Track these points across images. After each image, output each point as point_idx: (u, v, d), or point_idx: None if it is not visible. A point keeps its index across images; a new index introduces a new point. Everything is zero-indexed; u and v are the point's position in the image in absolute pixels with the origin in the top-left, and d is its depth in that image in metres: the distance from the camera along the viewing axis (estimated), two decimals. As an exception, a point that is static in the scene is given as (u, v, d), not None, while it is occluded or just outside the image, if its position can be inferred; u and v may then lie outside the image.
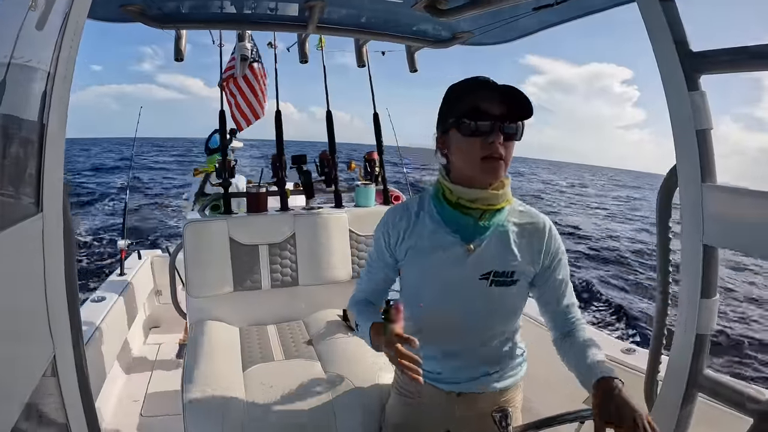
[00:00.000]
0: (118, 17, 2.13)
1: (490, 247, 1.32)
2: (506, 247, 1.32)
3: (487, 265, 1.32)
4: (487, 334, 1.40)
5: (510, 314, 1.41)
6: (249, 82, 4.40)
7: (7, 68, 0.70)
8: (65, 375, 0.90)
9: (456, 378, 1.42)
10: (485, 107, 1.23)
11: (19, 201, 0.81)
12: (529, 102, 1.22)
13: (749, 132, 70.71)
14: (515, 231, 1.33)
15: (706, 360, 1.34)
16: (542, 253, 1.34)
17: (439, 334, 1.40)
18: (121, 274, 3.71)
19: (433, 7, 1.97)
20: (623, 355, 2.22)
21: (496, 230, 1.32)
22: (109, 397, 2.95)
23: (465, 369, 1.42)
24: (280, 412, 1.81)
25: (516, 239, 1.33)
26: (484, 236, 1.32)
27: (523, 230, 1.34)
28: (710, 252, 1.30)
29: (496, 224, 1.32)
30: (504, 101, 1.23)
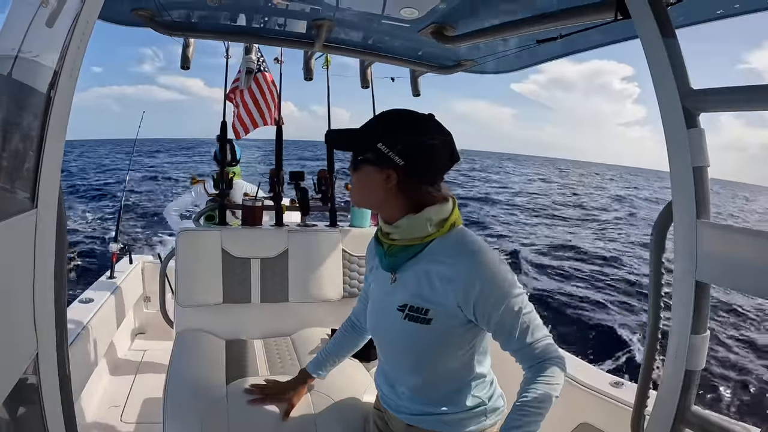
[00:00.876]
0: (128, 21, 2.15)
1: (409, 280, 1.29)
2: (422, 284, 1.26)
3: (403, 296, 1.30)
4: (411, 365, 1.34)
5: (425, 353, 1.30)
6: (253, 92, 4.42)
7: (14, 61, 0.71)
8: (47, 374, 0.89)
9: (403, 408, 1.41)
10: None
11: (14, 195, 0.80)
12: (344, 133, 1.35)
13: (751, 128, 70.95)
14: (435, 268, 1.24)
15: (694, 396, 1.34)
16: (463, 294, 1.21)
17: (381, 356, 1.49)
18: (111, 276, 3.68)
19: (439, 34, 2.00)
20: (611, 389, 2.21)
21: (414, 264, 1.28)
22: (89, 399, 2.91)
23: (407, 401, 1.39)
24: (261, 427, 1.78)
25: (435, 278, 1.24)
26: (405, 268, 1.30)
27: (442, 267, 1.23)
28: (702, 288, 1.30)
29: (412, 259, 1.28)
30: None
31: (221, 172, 3.04)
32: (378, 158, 1.23)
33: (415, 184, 1.26)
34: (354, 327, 1.76)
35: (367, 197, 1.33)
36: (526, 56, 2.25)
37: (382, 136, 1.23)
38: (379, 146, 1.22)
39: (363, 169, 1.27)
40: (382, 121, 1.29)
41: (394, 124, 1.27)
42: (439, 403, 1.35)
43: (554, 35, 1.75)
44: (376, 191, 1.27)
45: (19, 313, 0.80)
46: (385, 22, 2.04)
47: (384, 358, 1.46)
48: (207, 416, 1.76)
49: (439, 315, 1.25)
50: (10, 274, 0.78)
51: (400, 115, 1.28)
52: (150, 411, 2.91)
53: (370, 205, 1.38)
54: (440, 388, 1.35)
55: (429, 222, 1.25)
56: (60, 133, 0.88)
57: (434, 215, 1.26)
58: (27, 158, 0.82)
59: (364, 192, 1.31)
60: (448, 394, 1.35)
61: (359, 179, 1.29)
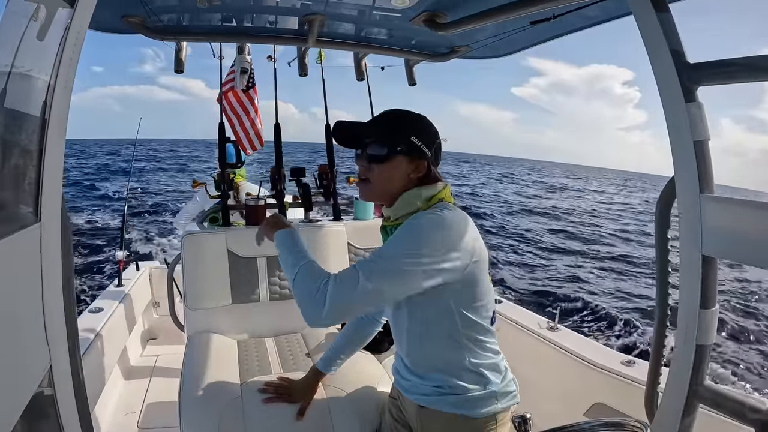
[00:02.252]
0: (119, 28, 2.14)
1: None
2: None
3: None
4: (406, 341, 1.42)
5: (412, 320, 1.37)
6: (245, 107, 4.40)
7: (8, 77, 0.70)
8: (61, 385, 0.90)
9: (414, 387, 1.45)
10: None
11: (17, 210, 0.81)
12: (365, 127, 1.42)
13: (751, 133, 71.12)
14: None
15: (706, 371, 1.34)
16: None
17: (394, 337, 1.52)
18: (119, 285, 3.70)
19: (431, 21, 1.99)
20: (623, 367, 2.21)
21: None
22: (105, 408, 2.93)
23: (416, 378, 1.44)
24: (277, 426, 1.79)
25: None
26: None
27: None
28: (709, 262, 1.30)
29: None
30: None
31: (222, 174, 3.04)
32: (411, 150, 1.34)
33: (432, 173, 1.40)
34: (361, 319, 1.78)
35: (390, 187, 1.37)
36: (520, 39, 2.23)
37: (414, 131, 1.35)
38: (412, 139, 1.34)
39: (394, 160, 1.34)
40: (406, 118, 1.40)
41: (418, 122, 1.39)
42: (445, 383, 1.38)
43: (548, 16, 1.73)
44: (402, 181, 1.37)
45: (30, 327, 0.81)
46: (376, 13, 2.03)
47: (396, 338, 1.51)
48: (223, 417, 1.77)
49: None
50: (19, 288, 0.78)
51: (415, 114, 1.41)
52: (166, 416, 2.93)
53: (390, 195, 1.39)
54: (439, 364, 1.39)
55: (418, 197, 1.36)
56: (58, 145, 0.88)
57: (425, 192, 1.37)
58: (28, 172, 0.82)
59: (389, 182, 1.37)
60: (453, 375, 1.38)
61: (385, 170, 1.35)
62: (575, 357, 2.44)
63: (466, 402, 1.37)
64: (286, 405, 1.86)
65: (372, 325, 1.79)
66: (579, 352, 2.45)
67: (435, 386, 1.40)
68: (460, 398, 1.37)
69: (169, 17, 2.13)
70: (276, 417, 1.82)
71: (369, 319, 1.77)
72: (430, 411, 1.41)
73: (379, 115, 1.42)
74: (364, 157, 1.38)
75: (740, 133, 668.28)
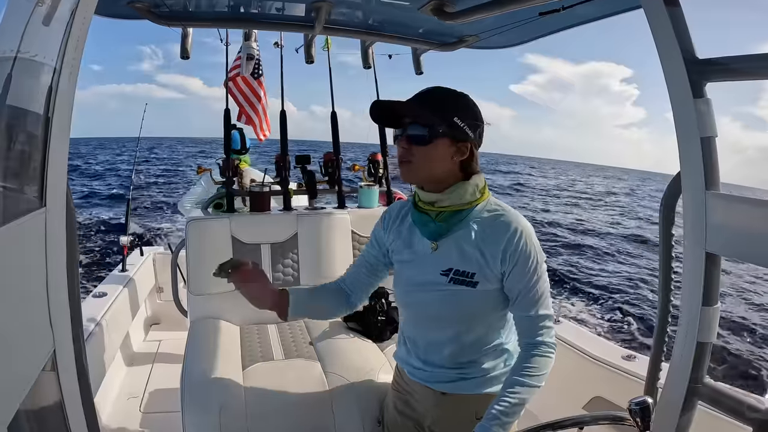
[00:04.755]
0: (125, 14, 2.14)
1: (452, 245, 1.36)
2: (466, 247, 1.34)
3: (448, 261, 1.36)
4: (450, 332, 1.41)
5: (470, 315, 1.39)
6: (257, 94, 4.40)
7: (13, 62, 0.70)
8: (65, 370, 0.90)
9: (436, 377, 1.46)
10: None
11: (22, 195, 0.81)
12: (407, 106, 1.33)
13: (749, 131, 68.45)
14: (478, 232, 1.34)
15: (706, 368, 1.34)
16: (501, 256, 1.31)
17: (412, 328, 1.52)
18: (123, 270, 3.72)
19: (439, 10, 1.97)
20: (624, 362, 2.22)
21: (459, 230, 1.35)
22: (108, 392, 2.96)
23: (441, 369, 1.45)
24: (278, 411, 1.81)
25: (478, 240, 1.33)
26: (448, 235, 1.36)
27: (485, 232, 1.33)
28: (713, 260, 1.29)
29: (458, 224, 1.35)
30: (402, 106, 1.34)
31: (227, 160, 3.04)
32: (454, 132, 1.30)
33: (474, 156, 1.37)
34: (341, 293, 1.66)
35: (433, 169, 1.33)
36: (528, 29, 2.22)
37: (457, 111, 1.31)
38: (455, 120, 1.29)
39: (438, 142, 1.30)
40: (449, 97, 1.34)
41: (462, 101, 1.35)
42: (473, 367, 1.43)
43: (556, 7, 1.72)
44: (445, 163, 1.32)
45: (34, 311, 0.82)
46: (384, 1, 2.02)
47: (417, 329, 1.50)
48: (225, 402, 1.79)
49: (484, 278, 1.33)
50: (24, 272, 0.78)
51: (458, 93, 1.35)
52: (168, 400, 2.96)
53: (431, 177, 1.36)
54: (475, 352, 1.42)
55: (476, 188, 1.36)
56: (64, 131, 0.88)
57: (479, 182, 1.38)
58: (33, 158, 0.82)
59: (431, 164, 1.32)
60: (483, 356, 1.43)
61: (428, 152, 1.31)
62: (576, 350, 2.45)
63: (488, 380, 1.42)
64: (287, 391, 1.88)
65: (350, 304, 1.65)
66: (580, 345, 2.46)
67: (460, 372, 1.43)
68: (484, 378, 1.43)
69: (175, 3, 2.12)
70: (278, 402, 1.83)
71: (349, 299, 1.65)
72: (453, 396, 1.45)
73: (421, 92, 1.35)
74: (404, 138, 1.33)
75: (738, 130, 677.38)
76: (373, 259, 1.61)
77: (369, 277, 1.63)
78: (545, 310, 1.33)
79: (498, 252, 1.30)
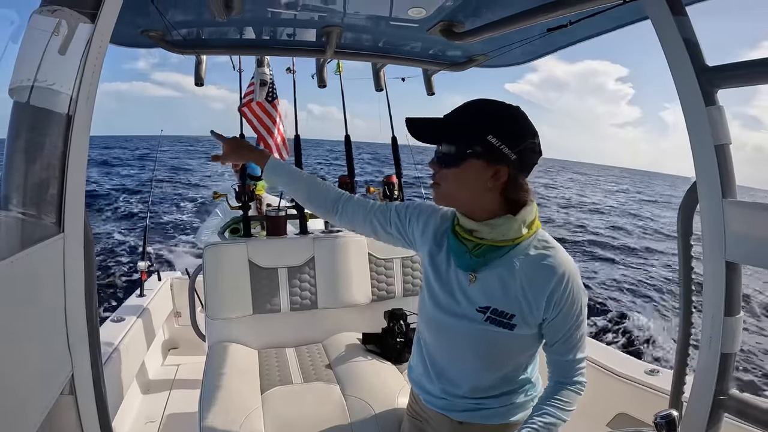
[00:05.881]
0: (139, 42, 2.19)
1: (494, 282, 1.23)
2: (509, 287, 1.21)
3: (487, 299, 1.24)
4: (476, 365, 1.32)
5: (500, 355, 1.29)
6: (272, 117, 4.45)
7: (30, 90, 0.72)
8: (83, 394, 0.91)
9: (454, 406, 1.38)
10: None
11: (41, 221, 0.83)
12: (437, 123, 1.19)
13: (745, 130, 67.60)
14: (522, 271, 1.20)
15: (731, 379, 1.31)
16: (546, 304, 1.19)
17: (434, 353, 1.40)
18: (141, 295, 3.75)
19: (448, 31, 1.99)
20: (647, 377, 2.17)
21: (501, 266, 1.22)
22: (126, 416, 2.96)
23: (460, 398, 1.37)
24: None
25: (522, 282, 1.20)
26: (488, 269, 1.23)
27: (530, 274, 1.19)
28: (733, 269, 1.27)
29: (498, 260, 1.21)
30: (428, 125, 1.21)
31: (242, 185, 3.08)
32: (488, 152, 1.13)
33: (519, 182, 1.19)
34: (331, 199, 1.51)
35: (464, 194, 1.20)
36: (537, 46, 2.23)
37: (491, 128, 1.13)
38: (489, 139, 1.12)
39: (468, 164, 1.14)
40: (484, 111, 1.18)
41: (499, 116, 1.16)
42: (494, 399, 1.36)
43: (564, 23, 1.73)
44: (478, 188, 1.17)
45: (53, 335, 0.83)
46: (393, 24, 2.04)
47: (441, 358, 1.39)
48: (243, 427, 1.78)
49: (523, 322, 1.22)
50: (43, 297, 0.80)
51: (502, 106, 1.18)
52: (186, 425, 2.95)
53: (463, 202, 1.23)
54: (500, 386, 1.35)
55: (523, 224, 1.20)
56: (81, 157, 0.90)
57: (528, 217, 1.21)
58: (51, 184, 0.84)
59: (462, 188, 1.19)
60: (505, 390, 1.36)
61: (459, 175, 1.16)
62: (598, 366, 2.40)
63: (508, 411, 1.36)
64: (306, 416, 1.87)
65: (330, 210, 1.50)
66: (602, 362, 2.41)
67: (479, 402, 1.36)
68: (504, 408, 1.36)
69: (188, 31, 2.17)
70: (297, 427, 1.82)
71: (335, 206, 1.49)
72: (471, 426, 1.38)
73: (461, 105, 1.20)
74: (435, 158, 1.21)
75: (737, 129, 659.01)
76: (377, 222, 1.46)
77: (363, 222, 1.48)
78: (582, 353, 1.27)
79: (542, 298, 1.19)
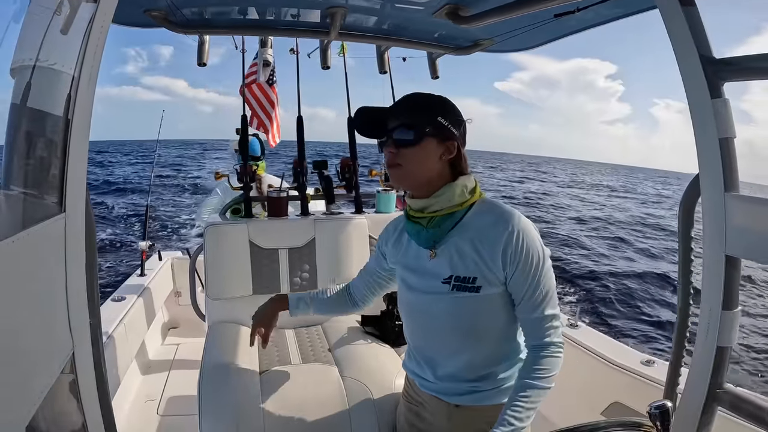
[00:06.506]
0: (142, 22, 2.17)
1: (451, 252, 1.33)
2: (464, 252, 1.31)
3: (447, 269, 1.34)
4: (460, 343, 1.37)
5: (477, 323, 1.34)
6: (271, 100, 4.44)
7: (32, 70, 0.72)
8: (83, 372, 0.92)
9: (449, 389, 1.43)
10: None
11: (42, 201, 0.83)
12: (393, 110, 1.36)
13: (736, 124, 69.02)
14: (474, 234, 1.31)
15: (726, 373, 1.32)
16: (501, 259, 1.27)
17: (420, 340, 1.49)
18: (142, 274, 3.77)
19: (454, 15, 1.97)
20: (643, 367, 2.19)
21: (454, 234, 1.33)
22: (126, 394, 3.00)
23: (454, 381, 1.42)
24: (295, 416, 1.82)
25: (475, 243, 1.30)
26: (445, 241, 1.34)
27: (482, 233, 1.30)
28: (733, 263, 1.27)
29: (452, 229, 1.33)
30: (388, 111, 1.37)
31: (244, 165, 3.07)
32: (440, 131, 1.31)
33: (462, 154, 1.36)
34: (350, 298, 1.81)
35: (423, 171, 1.32)
36: (544, 32, 2.21)
37: (439, 112, 1.32)
38: (439, 119, 1.30)
39: (425, 142, 1.30)
40: (429, 99, 1.36)
41: (442, 102, 1.36)
42: (487, 379, 1.39)
43: (571, 9, 1.71)
44: (434, 164, 1.32)
45: (54, 314, 0.83)
46: (399, 6, 2.02)
47: (425, 341, 1.47)
48: (242, 407, 1.80)
49: (486, 282, 1.29)
50: (44, 277, 0.80)
51: (438, 96, 1.37)
52: (186, 404, 2.99)
53: (422, 180, 1.34)
54: (488, 364, 1.39)
55: (465, 188, 1.34)
56: (83, 137, 0.89)
57: (468, 183, 1.35)
58: (53, 164, 0.84)
59: (420, 166, 1.32)
60: (496, 367, 1.39)
61: (417, 154, 1.30)
62: (594, 355, 2.42)
63: (503, 391, 1.39)
64: (304, 397, 1.88)
65: (354, 307, 1.80)
66: (599, 350, 2.43)
67: (474, 384, 1.40)
68: (499, 389, 1.40)
69: (191, 11, 2.15)
70: (294, 407, 1.84)
71: (354, 302, 1.79)
72: (466, 408, 1.42)
73: (402, 98, 1.37)
74: (390, 143, 1.33)
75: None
76: (375, 273, 1.68)
77: (373, 286, 1.71)
78: (551, 310, 1.30)
79: (497, 254, 1.27)
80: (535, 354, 1.30)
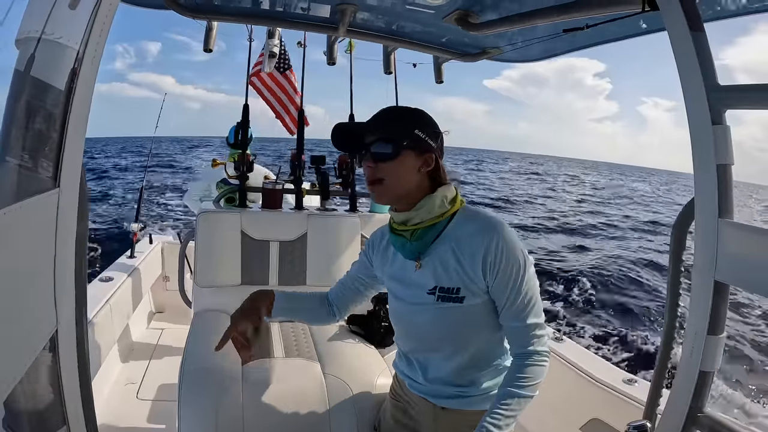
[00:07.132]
0: (150, 3, 2.15)
1: (435, 263, 1.35)
2: (448, 262, 1.32)
3: (432, 280, 1.35)
4: (446, 351, 1.40)
5: (463, 333, 1.37)
6: (284, 88, 4.41)
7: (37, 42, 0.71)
8: (65, 350, 0.91)
9: (436, 392, 1.45)
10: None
11: (37, 174, 0.82)
12: (367, 123, 1.36)
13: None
14: (456, 244, 1.32)
15: (707, 397, 1.32)
16: (482, 267, 1.28)
17: (408, 346, 1.52)
18: (131, 256, 3.75)
19: (464, 21, 1.97)
20: (624, 385, 2.19)
21: (438, 245, 1.35)
22: (107, 376, 2.98)
23: (441, 384, 1.44)
24: (275, 408, 1.81)
25: (457, 254, 1.31)
26: (429, 252, 1.36)
27: (463, 243, 1.31)
28: (721, 289, 1.28)
29: (436, 240, 1.35)
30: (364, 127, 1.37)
31: (242, 155, 3.06)
32: (417, 144, 1.32)
33: (440, 165, 1.37)
34: (329, 307, 1.75)
35: (402, 184, 1.33)
36: (551, 45, 2.22)
37: (416, 125, 1.33)
38: (416, 132, 1.31)
39: (404, 155, 1.31)
40: (405, 113, 1.38)
41: (420, 115, 1.37)
42: (473, 386, 1.41)
43: (581, 25, 1.71)
44: (412, 177, 1.33)
45: (40, 289, 0.82)
46: (409, 8, 2.02)
47: (415, 347, 1.50)
48: (221, 397, 1.79)
49: (469, 292, 1.31)
50: (33, 251, 0.79)
51: (413, 108, 1.39)
52: (165, 390, 2.97)
53: (402, 193, 1.35)
54: (475, 370, 1.41)
55: (444, 199, 1.35)
56: (82, 115, 0.89)
57: (447, 193, 1.36)
58: (50, 139, 0.83)
59: (400, 179, 1.33)
60: (482, 374, 1.41)
61: (395, 167, 1.31)
62: (577, 370, 2.43)
63: (489, 398, 1.39)
64: (285, 391, 1.88)
65: (334, 317, 1.74)
66: (581, 366, 2.43)
67: (460, 389, 1.42)
68: (484, 396, 1.41)
69: (202, -5, 2.14)
70: (274, 400, 1.83)
71: (333, 312, 1.73)
72: (453, 412, 1.43)
73: (378, 113, 1.38)
74: (369, 158, 1.34)
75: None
76: (357, 279, 1.68)
77: (354, 294, 1.70)
78: (535, 318, 1.31)
79: (477, 263, 1.28)
80: (518, 362, 1.31)
